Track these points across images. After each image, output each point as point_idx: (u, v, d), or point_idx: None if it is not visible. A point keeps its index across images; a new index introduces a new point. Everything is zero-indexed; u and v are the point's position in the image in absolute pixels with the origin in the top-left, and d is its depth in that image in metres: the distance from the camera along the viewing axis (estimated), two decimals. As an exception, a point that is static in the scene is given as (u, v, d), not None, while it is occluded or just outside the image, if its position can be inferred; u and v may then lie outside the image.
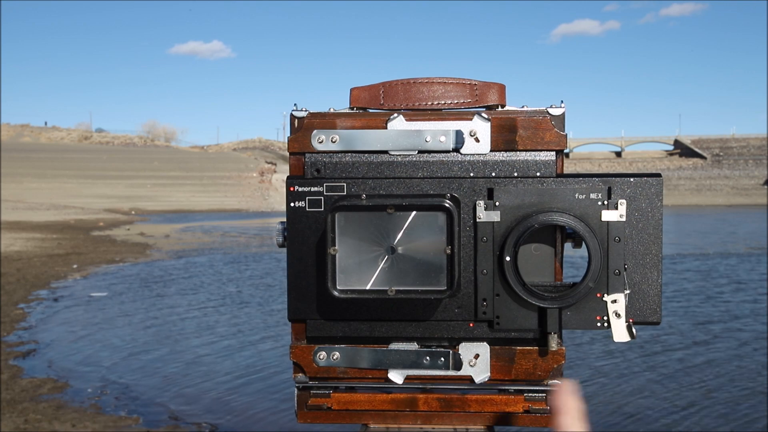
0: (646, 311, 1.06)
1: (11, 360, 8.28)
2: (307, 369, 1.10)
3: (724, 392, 7.17)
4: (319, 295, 1.08)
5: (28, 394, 6.98)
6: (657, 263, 1.06)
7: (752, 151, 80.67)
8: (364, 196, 1.03)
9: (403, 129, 1.08)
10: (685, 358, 8.46)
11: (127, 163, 66.86)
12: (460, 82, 1.10)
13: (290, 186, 1.07)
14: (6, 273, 14.98)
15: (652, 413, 6.57)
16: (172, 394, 7.19)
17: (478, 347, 1.08)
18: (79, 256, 18.79)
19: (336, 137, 1.08)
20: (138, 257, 19.16)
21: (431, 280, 1.01)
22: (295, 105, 1.10)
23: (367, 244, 1.01)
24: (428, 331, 1.08)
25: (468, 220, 1.05)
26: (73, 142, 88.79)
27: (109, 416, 6.41)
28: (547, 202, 1.04)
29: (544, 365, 1.08)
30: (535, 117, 1.07)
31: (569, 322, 1.05)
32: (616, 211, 1.04)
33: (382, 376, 1.09)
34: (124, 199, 49.29)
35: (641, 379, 7.60)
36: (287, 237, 1.08)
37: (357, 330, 1.09)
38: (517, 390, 1.09)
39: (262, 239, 25.36)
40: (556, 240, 1.06)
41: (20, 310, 11.36)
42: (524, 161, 1.07)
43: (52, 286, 13.89)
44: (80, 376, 7.76)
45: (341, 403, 1.11)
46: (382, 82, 1.11)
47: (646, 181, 1.05)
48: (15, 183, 50.64)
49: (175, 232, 28.90)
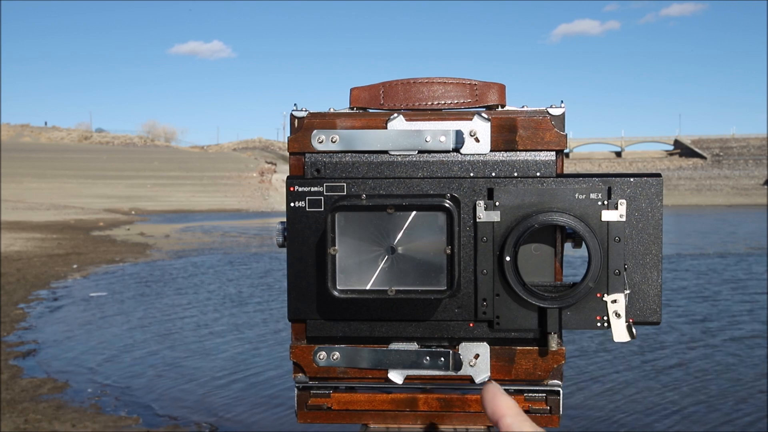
0: (646, 311, 1.06)
1: (11, 360, 8.28)
2: (307, 369, 1.10)
3: (724, 392, 7.17)
4: (319, 295, 1.08)
5: (28, 394, 6.98)
6: (657, 263, 1.06)
7: (752, 151, 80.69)
8: (364, 196, 1.03)
9: (403, 129, 1.08)
10: (684, 358, 8.46)
11: (127, 163, 66.88)
12: (460, 82, 1.10)
13: (290, 186, 1.07)
14: (6, 273, 14.98)
15: (652, 413, 6.58)
16: (172, 395, 7.19)
17: (478, 347, 1.08)
18: (79, 256, 18.79)
19: (336, 137, 1.08)
20: (138, 257, 19.16)
21: (431, 280, 1.01)
22: (295, 105, 1.10)
23: (367, 244, 1.01)
24: (428, 331, 1.08)
25: (468, 220, 1.05)
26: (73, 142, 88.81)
27: (109, 416, 6.42)
28: (547, 202, 1.04)
29: (544, 365, 1.08)
30: (535, 117, 1.07)
31: (569, 322, 1.05)
32: (616, 211, 1.04)
33: (382, 376, 1.09)
34: (124, 199, 49.30)
35: (640, 379, 7.60)
36: (287, 237, 1.08)
37: (357, 330, 1.09)
38: (517, 390, 1.09)
39: (262, 239, 25.36)
40: (556, 240, 1.06)
41: (20, 310, 11.37)
42: (524, 161, 1.07)
43: (52, 286, 13.89)
44: (80, 376, 7.77)
45: (341, 403, 1.11)
46: (382, 82, 1.11)
47: (646, 181, 1.05)
48: (15, 183, 50.65)
49: (175, 232, 28.91)
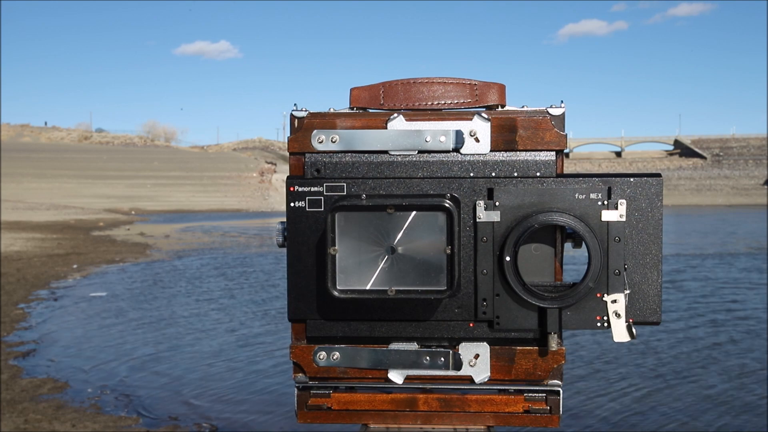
0: (646, 311, 1.06)
1: (11, 360, 8.27)
2: (307, 369, 1.10)
3: (725, 392, 7.16)
4: (319, 295, 1.08)
5: (28, 394, 6.98)
6: (657, 263, 1.06)
7: (752, 151, 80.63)
8: (364, 196, 1.03)
9: (403, 129, 1.08)
10: (684, 358, 8.45)
11: (127, 163, 66.85)
12: (460, 82, 1.10)
13: (290, 186, 1.07)
14: (6, 273, 14.97)
15: (653, 413, 6.57)
16: (171, 394, 7.18)
17: (478, 347, 1.08)
18: (79, 256, 18.78)
19: (336, 137, 1.08)
20: (138, 257, 19.16)
21: (431, 280, 1.01)
22: (295, 105, 1.10)
23: (367, 244, 1.01)
24: (428, 331, 1.08)
25: (468, 220, 1.05)
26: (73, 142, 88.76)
27: (109, 416, 6.41)
28: (547, 202, 1.04)
29: (544, 365, 1.08)
30: (535, 117, 1.07)
31: (569, 322, 1.05)
32: (616, 211, 1.04)
33: (382, 376, 1.09)
34: (124, 199, 49.27)
35: (640, 379, 7.60)
36: (287, 237, 1.08)
37: (357, 330, 1.09)
38: (517, 390, 1.09)
39: (262, 239, 25.35)
40: (556, 240, 1.06)
41: (20, 310, 11.36)
42: (524, 161, 1.07)
43: (52, 286, 13.88)
44: (80, 375, 7.76)
45: (341, 403, 1.11)
46: (382, 82, 1.11)
47: (646, 181, 1.05)
48: (15, 183, 50.62)
49: (175, 232, 28.89)
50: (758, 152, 79.51)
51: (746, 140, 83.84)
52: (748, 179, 75.00)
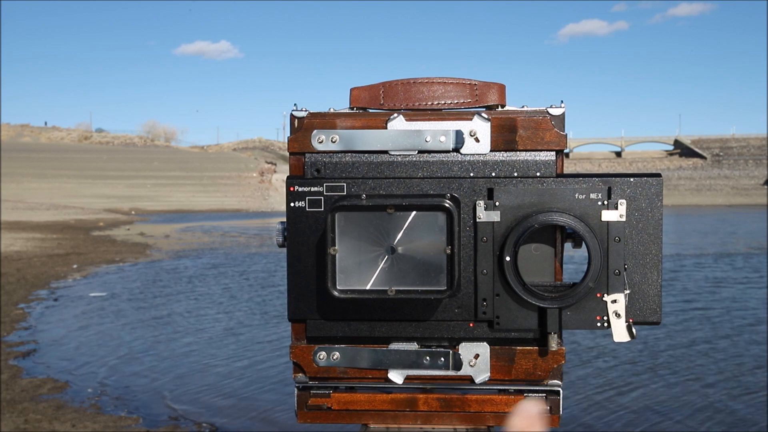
0: (646, 311, 1.06)
1: (11, 360, 8.28)
2: (307, 369, 1.10)
3: (725, 392, 7.16)
4: (319, 295, 1.08)
5: (28, 394, 6.98)
6: (657, 263, 1.06)
7: (752, 151, 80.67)
8: (364, 196, 1.03)
9: (403, 129, 1.08)
10: (684, 358, 8.46)
11: (127, 163, 66.87)
12: (460, 82, 1.10)
13: (290, 186, 1.07)
14: (6, 273, 14.97)
15: (653, 413, 6.58)
16: (171, 394, 7.18)
17: (478, 347, 1.08)
18: (79, 256, 18.78)
19: (336, 137, 1.08)
20: (138, 257, 19.16)
21: (431, 280, 1.01)
22: (295, 105, 1.10)
23: (367, 244, 1.01)
24: (428, 331, 1.08)
25: (468, 220, 1.05)
26: (73, 142, 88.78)
27: (109, 416, 6.41)
28: (547, 202, 1.04)
29: (544, 365, 1.08)
30: (535, 117, 1.07)
31: (569, 322, 1.05)
32: (616, 211, 1.04)
33: (382, 376, 1.09)
34: (124, 199, 49.29)
35: (640, 379, 7.60)
36: (287, 237, 1.08)
37: (357, 330, 1.09)
38: (517, 390, 1.09)
39: (262, 239, 25.35)
40: (556, 240, 1.06)
41: (20, 310, 11.36)
42: (524, 161, 1.07)
43: (52, 286, 13.88)
44: (80, 376, 7.76)
45: (341, 403, 1.11)
46: (382, 82, 1.11)
47: (646, 181, 1.05)
48: (15, 183, 50.64)
49: (175, 232, 28.90)
50: (758, 152, 79.54)
51: (746, 140, 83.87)
52: (748, 179, 75.04)
